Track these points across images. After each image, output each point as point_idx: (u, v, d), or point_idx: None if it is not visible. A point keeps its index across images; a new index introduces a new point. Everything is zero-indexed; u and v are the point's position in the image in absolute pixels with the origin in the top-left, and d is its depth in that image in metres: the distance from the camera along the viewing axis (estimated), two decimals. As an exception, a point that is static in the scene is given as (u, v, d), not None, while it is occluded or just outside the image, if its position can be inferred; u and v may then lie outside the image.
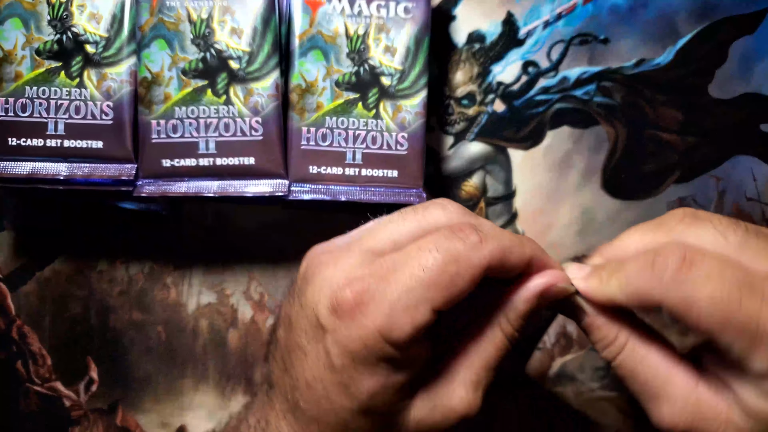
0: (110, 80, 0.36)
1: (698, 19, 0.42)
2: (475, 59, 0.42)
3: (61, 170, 0.36)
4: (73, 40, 0.36)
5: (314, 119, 0.36)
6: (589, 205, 0.43)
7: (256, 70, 0.36)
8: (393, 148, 0.37)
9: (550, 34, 0.42)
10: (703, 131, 0.43)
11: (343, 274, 0.26)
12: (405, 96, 0.36)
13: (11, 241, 0.41)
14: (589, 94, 0.42)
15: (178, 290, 0.42)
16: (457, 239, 0.26)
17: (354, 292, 0.26)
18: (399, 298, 0.25)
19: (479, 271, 0.26)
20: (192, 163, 0.36)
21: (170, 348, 0.42)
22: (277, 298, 0.42)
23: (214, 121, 0.36)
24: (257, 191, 0.36)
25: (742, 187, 0.43)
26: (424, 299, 0.25)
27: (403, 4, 0.36)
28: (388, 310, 0.25)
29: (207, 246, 0.42)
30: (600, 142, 0.43)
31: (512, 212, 0.43)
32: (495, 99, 0.42)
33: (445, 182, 0.42)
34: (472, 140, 0.42)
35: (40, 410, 0.41)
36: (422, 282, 0.25)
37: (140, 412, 0.42)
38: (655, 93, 0.43)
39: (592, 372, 0.43)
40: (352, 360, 0.26)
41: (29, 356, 0.41)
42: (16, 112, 0.36)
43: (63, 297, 0.41)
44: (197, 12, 0.36)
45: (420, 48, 0.36)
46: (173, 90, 0.36)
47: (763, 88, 0.43)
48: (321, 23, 0.36)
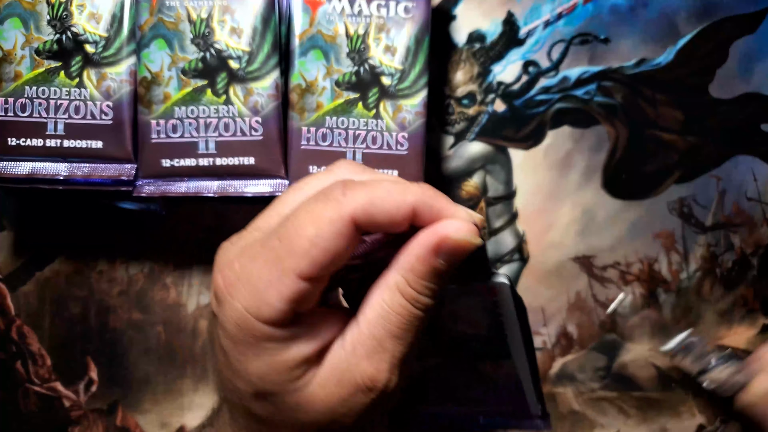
0: (110, 80, 0.36)
1: (699, 18, 0.42)
2: (476, 59, 0.42)
3: (60, 170, 0.36)
4: (72, 40, 0.36)
5: (314, 119, 0.36)
6: (589, 204, 0.43)
7: (255, 70, 0.36)
8: (393, 148, 0.36)
9: (551, 33, 0.42)
10: (703, 131, 0.43)
11: (226, 258, 0.25)
12: (405, 96, 0.36)
13: (11, 241, 0.41)
14: (590, 94, 0.42)
15: (178, 290, 0.42)
16: (321, 198, 0.24)
17: (225, 276, 0.24)
18: (260, 274, 0.24)
19: (340, 226, 0.23)
20: (192, 163, 0.36)
21: (170, 348, 0.42)
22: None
23: (214, 120, 0.36)
24: (257, 191, 0.36)
25: (743, 187, 0.43)
26: (287, 270, 0.23)
27: (403, 4, 0.36)
28: (253, 288, 0.24)
29: (207, 246, 0.42)
30: (600, 141, 0.43)
31: (513, 212, 0.43)
32: (495, 99, 0.42)
33: (446, 182, 0.42)
34: (472, 140, 0.42)
35: (39, 410, 0.41)
36: (280, 253, 0.23)
37: (140, 412, 0.42)
38: (656, 93, 0.43)
39: (592, 372, 0.43)
40: (234, 343, 0.24)
41: (29, 356, 0.41)
42: (15, 112, 0.36)
43: (63, 297, 0.41)
44: (197, 11, 0.36)
45: (420, 48, 0.36)
46: (173, 90, 0.36)
47: (763, 88, 0.43)
48: (321, 23, 0.36)
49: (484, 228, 0.28)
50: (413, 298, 0.25)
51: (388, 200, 0.24)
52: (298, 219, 0.24)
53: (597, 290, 0.43)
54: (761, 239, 0.43)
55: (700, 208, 0.43)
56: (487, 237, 0.28)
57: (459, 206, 0.25)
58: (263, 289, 0.24)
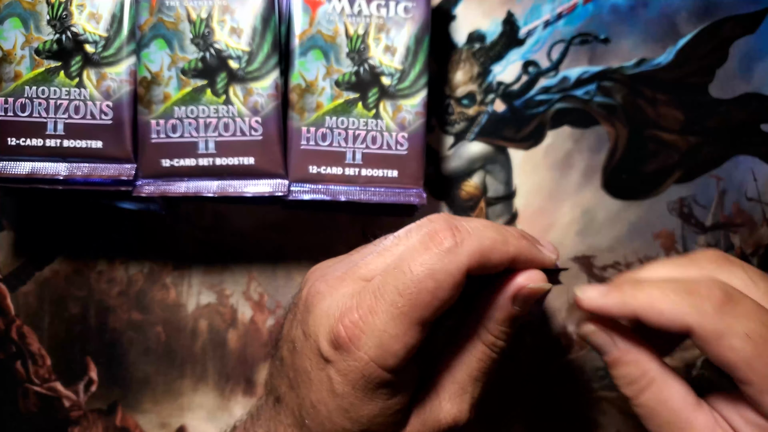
0: (110, 80, 0.36)
1: (699, 18, 0.42)
2: (476, 59, 0.42)
3: (60, 170, 0.36)
4: (72, 40, 0.36)
5: (314, 119, 0.36)
6: (589, 205, 0.43)
7: (255, 70, 0.36)
8: (393, 148, 0.36)
9: (551, 33, 0.42)
10: (703, 131, 0.43)
11: (338, 307, 0.27)
12: (405, 96, 0.36)
13: (10, 241, 0.41)
14: (590, 94, 0.42)
15: (178, 290, 0.42)
16: (432, 248, 0.26)
17: (346, 326, 0.27)
18: (386, 328, 0.26)
19: (459, 278, 0.26)
20: (191, 162, 0.36)
21: (169, 348, 0.42)
22: (276, 299, 0.42)
23: (214, 120, 0.36)
24: (257, 191, 0.36)
25: (743, 187, 0.43)
26: (412, 323, 0.26)
27: (403, 4, 0.36)
28: (378, 341, 0.26)
29: (206, 246, 0.42)
30: (600, 141, 0.43)
31: (513, 212, 0.43)
32: (495, 99, 0.42)
33: (445, 182, 0.42)
34: (472, 140, 0.42)
35: (39, 410, 0.41)
36: (403, 308, 0.26)
37: (139, 412, 0.42)
38: (656, 93, 0.43)
39: (592, 372, 0.43)
40: (353, 388, 0.27)
41: (28, 356, 0.41)
42: (15, 112, 0.36)
43: (62, 297, 0.41)
44: (197, 11, 0.36)
45: (420, 48, 0.36)
46: (172, 90, 0.36)
47: (763, 88, 0.43)
48: (321, 23, 0.36)
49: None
50: (491, 343, 0.29)
51: (495, 252, 0.27)
52: (415, 273, 0.26)
53: (597, 290, 0.43)
54: (761, 239, 0.43)
55: (700, 208, 0.43)
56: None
57: (546, 252, 0.30)
58: (389, 341, 0.26)
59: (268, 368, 0.33)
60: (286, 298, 0.42)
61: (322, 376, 0.28)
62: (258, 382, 0.42)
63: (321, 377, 0.28)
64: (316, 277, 0.30)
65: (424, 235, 0.27)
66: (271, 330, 0.42)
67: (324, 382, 0.28)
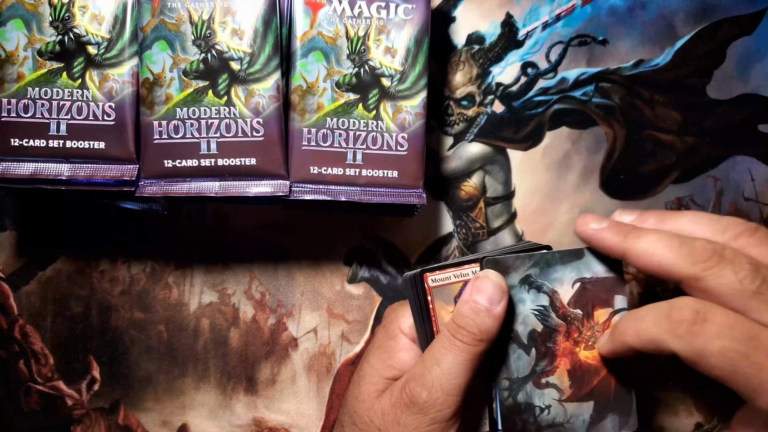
0: (112, 81, 0.36)
1: (697, 20, 0.43)
2: (475, 60, 0.42)
3: (63, 171, 0.36)
4: (74, 41, 0.36)
5: (315, 120, 0.36)
6: (587, 205, 0.43)
7: (257, 71, 0.36)
8: (393, 149, 0.37)
9: (549, 35, 0.42)
10: (701, 132, 0.43)
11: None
12: (405, 97, 0.37)
13: (13, 241, 0.42)
14: (588, 95, 0.43)
15: (180, 290, 0.42)
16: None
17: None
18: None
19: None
20: (194, 163, 0.36)
21: (172, 347, 0.42)
22: (278, 297, 0.42)
23: (216, 121, 0.36)
24: (258, 191, 0.36)
25: (740, 187, 0.43)
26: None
27: (403, 6, 0.36)
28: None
29: (208, 246, 0.42)
30: (599, 142, 0.43)
31: (511, 212, 0.43)
32: (494, 100, 0.42)
33: (445, 182, 0.43)
34: (471, 141, 0.43)
35: (42, 409, 0.42)
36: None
37: (142, 411, 0.42)
38: (654, 94, 0.43)
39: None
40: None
41: (31, 355, 0.42)
42: (18, 113, 0.36)
43: (65, 296, 0.42)
44: (198, 13, 0.36)
45: (420, 49, 0.37)
46: (174, 91, 0.36)
47: (761, 89, 0.43)
48: (322, 24, 0.36)
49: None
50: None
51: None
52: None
53: (595, 290, 0.43)
54: (758, 239, 0.43)
55: (697, 209, 0.43)
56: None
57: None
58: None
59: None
60: (287, 297, 0.42)
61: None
62: (259, 380, 0.42)
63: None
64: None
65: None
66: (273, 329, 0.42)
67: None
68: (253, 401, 0.42)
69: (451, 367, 0.31)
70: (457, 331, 0.31)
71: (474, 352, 0.31)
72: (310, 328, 0.42)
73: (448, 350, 0.31)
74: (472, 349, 0.31)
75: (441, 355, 0.31)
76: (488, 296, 0.32)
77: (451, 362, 0.31)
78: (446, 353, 0.31)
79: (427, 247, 0.43)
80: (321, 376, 0.42)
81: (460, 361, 0.31)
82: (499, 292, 0.32)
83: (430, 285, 0.33)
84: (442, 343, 0.32)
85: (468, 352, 0.31)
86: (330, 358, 0.42)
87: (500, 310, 0.32)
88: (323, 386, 0.42)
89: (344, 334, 0.42)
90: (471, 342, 0.31)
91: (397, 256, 0.42)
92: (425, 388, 0.31)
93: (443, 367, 0.31)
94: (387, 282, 0.42)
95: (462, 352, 0.31)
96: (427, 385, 0.31)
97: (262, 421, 0.42)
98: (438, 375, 0.31)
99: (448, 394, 0.31)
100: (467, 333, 0.31)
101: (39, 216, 0.42)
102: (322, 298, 0.42)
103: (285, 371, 0.42)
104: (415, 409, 0.31)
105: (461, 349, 0.31)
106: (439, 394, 0.31)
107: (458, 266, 0.33)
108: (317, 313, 0.42)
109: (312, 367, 0.42)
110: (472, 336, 0.31)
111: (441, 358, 0.31)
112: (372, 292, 0.42)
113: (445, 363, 0.31)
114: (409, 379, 0.32)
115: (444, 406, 0.31)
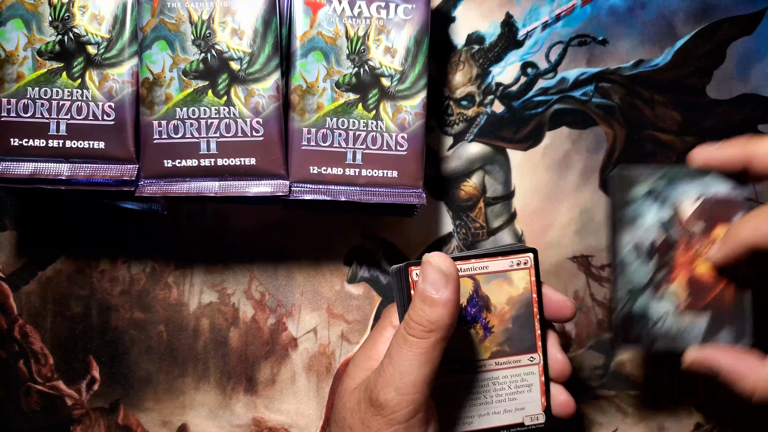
0: (112, 81, 0.36)
1: (696, 20, 0.43)
2: (475, 60, 0.42)
3: (63, 170, 0.36)
4: (74, 41, 0.36)
5: (315, 120, 0.36)
6: (587, 205, 0.43)
7: (256, 71, 0.36)
8: (393, 149, 0.37)
9: (549, 35, 0.42)
10: (701, 132, 0.43)
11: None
12: (405, 97, 0.37)
13: (13, 241, 0.42)
14: (588, 95, 0.43)
15: (180, 290, 0.42)
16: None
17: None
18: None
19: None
20: (193, 163, 0.36)
21: (171, 347, 0.42)
22: (277, 297, 0.42)
23: (215, 121, 0.36)
24: (258, 191, 0.36)
25: (740, 187, 0.43)
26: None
27: (402, 6, 0.36)
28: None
29: (208, 246, 0.42)
30: (598, 142, 0.43)
31: (511, 212, 0.43)
32: (494, 100, 0.42)
33: (445, 182, 0.43)
34: (471, 141, 0.43)
35: (41, 409, 0.42)
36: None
37: (141, 410, 0.42)
38: (654, 94, 0.43)
39: (591, 371, 0.43)
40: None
41: (31, 355, 0.42)
42: (18, 113, 0.36)
43: (65, 296, 0.42)
44: (198, 13, 0.36)
45: (420, 49, 0.37)
46: (174, 91, 0.36)
47: (761, 89, 0.43)
48: (321, 24, 0.36)
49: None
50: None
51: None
52: None
53: (595, 289, 0.43)
54: (758, 239, 0.43)
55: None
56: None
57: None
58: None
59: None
60: (287, 297, 0.42)
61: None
62: (259, 380, 0.42)
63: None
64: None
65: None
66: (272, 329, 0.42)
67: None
68: (252, 401, 0.42)
69: (404, 364, 0.29)
70: (407, 324, 0.30)
71: (427, 345, 0.29)
72: (310, 328, 0.42)
73: (401, 346, 0.30)
74: (424, 342, 0.29)
75: (395, 351, 0.30)
76: (431, 282, 0.30)
77: (403, 359, 0.29)
78: (399, 350, 0.30)
79: (427, 247, 0.43)
80: (321, 376, 0.42)
81: (412, 357, 0.29)
82: (441, 277, 0.30)
83: (414, 279, 0.33)
84: (396, 339, 0.30)
85: (420, 346, 0.29)
86: (330, 358, 0.42)
87: (447, 294, 0.29)
88: (323, 386, 0.42)
89: (344, 334, 0.42)
90: (420, 335, 0.29)
91: (397, 256, 0.42)
92: (381, 388, 0.30)
93: (396, 364, 0.29)
94: (387, 282, 0.42)
95: (413, 346, 0.29)
96: (381, 384, 0.30)
97: (261, 421, 0.42)
98: (391, 373, 0.29)
99: (404, 393, 0.29)
100: (415, 325, 0.29)
101: (39, 216, 0.42)
102: (321, 298, 0.42)
103: (285, 371, 0.42)
104: (374, 411, 0.30)
105: (412, 343, 0.29)
106: (392, 395, 0.29)
107: None
108: (317, 313, 0.42)
109: (312, 367, 0.42)
110: (420, 328, 0.29)
111: (394, 354, 0.30)
112: (372, 292, 0.42)
113: (398, 360, 0.29)
114: (371, 378, 0.31)
115: (400, 407, 0.29)
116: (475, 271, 0.34)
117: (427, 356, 0.29)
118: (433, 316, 0.29)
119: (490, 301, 0.34)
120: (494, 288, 0.34)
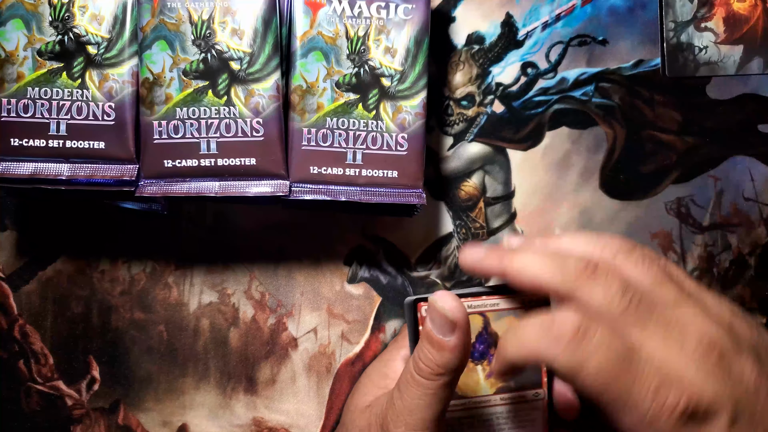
0: (112, 81, 0.36)
1: (696, 20, 0.43)
2: (475, 60, 0.42)
3: (63, 171, 0.36)
4: (74, 41, 0.36)
5: (315, 120, 0.36)
6: (587, 205, 0.43)
7: (257, 71, 0.36)
8: (393, 149, 0.37)
9: (549, 35, 0.42)
10: (701, 132, 0.43)
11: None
12: (405, 97, 0.37)
13: (13, 241, 0.42)
14: (588, 95, 0.43)
15: (180, 290, 0.42)
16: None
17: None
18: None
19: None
20: (193, 163, 0.36)
21: (171, 347, 0.42)
22: (278, 297, 0.42)
23: (215, 121, 0.36)
24: (258, 191, 0.36)
25: (740, 187, 0.43)
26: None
27: (402, 6, 0.36)
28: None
29: (208, 246, 0.42)
30: (598, 142, 0.43)
31: (511, 212, 0.43)
32: (494, 100, 0.43)
33: (445, 182, 0.43)
34: (471, 141, 0.43)
35: (41, 409, 0.42)
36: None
37: (141, 411, 0.42)
38: (654, 94, 0.43)
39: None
40: None
41: (31, 355, 0.42)
42: (18, 113, 0.36)
43: (65, 296, 0.42)
44: (198, 13, 0.36)
45: (420, 49, 0.37)
46: (174, 91, 0.36)
47: (761, 89, 0.43)
48: (321, 24, 0.36)
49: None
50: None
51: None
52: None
53: (595, 290, 0.43)
54: (758, 239, 0.43)
55: (697, 209, 0.43)
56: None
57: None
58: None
59: None
60: (287, 297, 0.42)
61: None
62: (259, 380, 0.42)
63: None
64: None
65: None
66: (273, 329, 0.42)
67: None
68: (252, 401, 0.42)
69: (413, 402, 0.29)
70: (416, 365, 0.30)
71: (435, 386, 0.29)
72: (310, 328, 0.42)
73: (409, 384, 0.29)
74: (432, 384, 0.29)
75: (404, 387, 0.30)
76: (439, 327, 0.29)
77: (412, 397, 0.29)
78: (408, 387, 0.30)
79: (427, 247, 0.43)
80: (321, 376, 0.42)
81: (420, 395, 0.29)
82: (447, 322, 0.29)
83: (423, 315, 0.32)
84: (405, 375, 0.30)
85: (428, 387, 0.29)
86: (330, 358, 0.42)
87: (454, 341, 0.29)
88: (323, 386, 0.42)
89: (344, 334, 0.42)
90: (428, 377, 0.29)
91: (397, 256, 0.42)
92: (392, 421, 0.30)
93: (405, 401, 0.29)
94: (387, 282, 0.42)
95: (420, 386, 0.29)
96: (391, 416, 0.30)
97: (261, 421, 0.42)
98: (401, 408, 0.29)
99: (413, 429, 0.29)
100: (424, 367, 0.29)
101: (39, 216, 0.42)
102: (322, 298, 0.42)
103: (285, 371, 0.42)
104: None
105: (420, 383, 0.29)
106: (401, 430, 0.29)
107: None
108: (317, 313, 0.42)
109: (312, 367, 0.42)
110: (429, 370, 0.29)
111: (404, 390, 0.30)
112: (372, 292, 0.42)
113: (407, 397, 0.29)
114: (383, 405, 0.31)
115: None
116: (486, 308, 0.32)
117: (436, 397, 0.29)
118: (441, 360, 0.29)
119: (498, 338, 0.33)
120: (505, 325, 0.33)
